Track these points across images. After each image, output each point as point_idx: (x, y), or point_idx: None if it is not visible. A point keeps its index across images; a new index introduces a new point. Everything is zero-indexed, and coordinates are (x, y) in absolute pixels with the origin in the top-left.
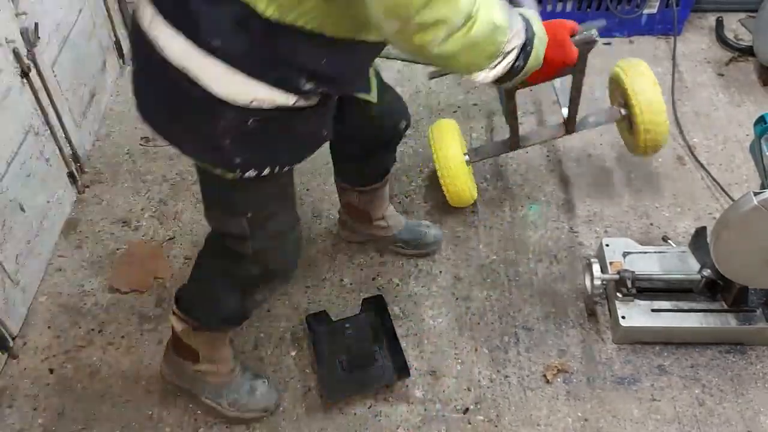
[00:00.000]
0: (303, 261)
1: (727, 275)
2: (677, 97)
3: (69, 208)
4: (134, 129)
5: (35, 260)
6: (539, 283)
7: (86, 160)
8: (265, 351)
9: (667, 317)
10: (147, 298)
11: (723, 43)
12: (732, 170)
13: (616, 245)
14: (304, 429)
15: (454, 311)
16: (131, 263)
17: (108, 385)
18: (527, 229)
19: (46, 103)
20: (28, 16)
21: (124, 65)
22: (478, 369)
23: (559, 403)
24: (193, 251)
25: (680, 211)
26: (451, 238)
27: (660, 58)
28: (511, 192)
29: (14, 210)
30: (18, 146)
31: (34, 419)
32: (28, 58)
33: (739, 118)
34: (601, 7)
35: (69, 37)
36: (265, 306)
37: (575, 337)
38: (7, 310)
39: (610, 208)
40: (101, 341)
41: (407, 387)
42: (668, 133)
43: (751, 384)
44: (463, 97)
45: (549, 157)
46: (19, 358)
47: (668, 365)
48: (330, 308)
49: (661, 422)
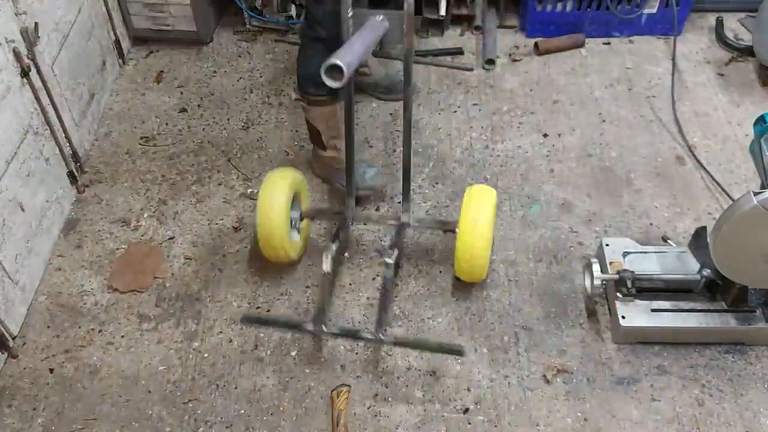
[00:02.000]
0: (303, 261)
1: (727, 275)
2: (677, 97)
3: (68, 207)
4: (134, 129)
5: (35, 260)
6: (539, 283)
7: (86, 160)
8: (265, 351)
9: (667, 317)
10: (147, 298)
11: (723, 43)
12: (732, 170)
13: (616, 245)
14: (304, 429)
15: (454, 311)
16: (131, 263)
17: (108, 385)
18: (527, 229)
19: (46, 102)
20: (28, 15)
21: (124, 65)
22: (478, 369)
23: (558, 403)
24: (192, 251)
25: (680, 211)
26: (451, 237)
27: (660, 58)
28: (511, 192)
29: (14, 209)
30: (17, 146)
31: (34, 419)
32: (27, 58)
33: (739, 118)
34: (601, 7)
35: (69, 36)
36: (266, 306)
37: (575, 337)
38: (7, 309)
39: (609, 208)
40: (101, 341)
41: (407, 387)
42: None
43: (750, 384)
44: (463, 97)
45: (549, 157)
46: (19, 358)
47: (668, 365)
48: (330, 308)
49: (661, 422)
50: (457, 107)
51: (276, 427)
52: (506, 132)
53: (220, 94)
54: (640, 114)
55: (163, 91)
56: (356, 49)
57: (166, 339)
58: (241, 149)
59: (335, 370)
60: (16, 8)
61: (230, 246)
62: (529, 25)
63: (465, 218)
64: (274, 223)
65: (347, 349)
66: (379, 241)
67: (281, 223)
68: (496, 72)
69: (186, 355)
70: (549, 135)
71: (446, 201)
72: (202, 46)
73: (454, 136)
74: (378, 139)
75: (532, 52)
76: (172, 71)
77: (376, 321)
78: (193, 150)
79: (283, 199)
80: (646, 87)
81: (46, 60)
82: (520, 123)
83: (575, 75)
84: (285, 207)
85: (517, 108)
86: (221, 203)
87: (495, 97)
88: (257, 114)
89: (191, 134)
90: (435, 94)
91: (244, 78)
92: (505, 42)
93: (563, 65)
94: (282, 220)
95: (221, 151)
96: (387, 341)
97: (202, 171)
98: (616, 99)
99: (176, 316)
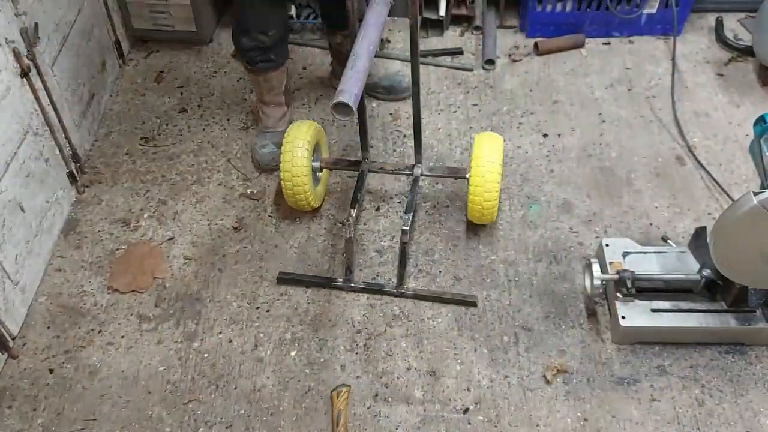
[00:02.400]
0: (303, 261)
1: (726, 275)
2: (677, 97)
3: (68, 208)
4: (134, 129)
5: (35, 260)
6: (539, 283)
7: (86, 160)
8: (265, 351)
9: (667, 317)
10: (146, 298)
11: (722, 43)
12: (732, 170)
13: (615, 245)
14: (304, 429)
15: (454, 311)
16: (130, 263)
17: (108, 386)
18: (527, 229)
19: (46, 102)
20: (28, 15)
21: (124, 65)
22: (478, 369)
23: (558, 403)
24: (192, 251)
25: (680, 211)
26: (451, 238)
27: (659, 59)
28: (511, 192)
29: (14, 210)
30: (17, 146)
31: (34, 419)
32: (27, 58)
33: (739, 118)
34: (601, 7)
35: (69, 37)
36: (266, 306)
37: (575, 337)
38: (7, 310)
39: (610, 208)
40: (101, 341)
41: (407, 387)
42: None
43: (750, 384)
44: (463, 97)
45: (549, 157)
46: (19, 358)
47: (668, 365)
48: (330, 308)
49: (661, 422)
50: (457, 107)
51: (276, 427)
52: (506, 132)
53: (220, 94)
54: (640, 114)
55: (163, 91)
56: (359, 74)
57: (166, 339)
58: (241, 149)
59: (335, 370)
60: (16, 9)
61: (230, 246)
62: (529, 25)
63: (476, 162)
64: (297, 171)
65: (347, 349)
66: (381, 237)
67: (304, 172)
68: (496, 72)
69: (186, 355)
70: (549, 135)
71: (446, 201)
72: (202, 46)
73: (454, 136)
74: (378, 139)
75: (532, 53)
76: (172, 71)
77: (397, 278)
78: (193, 150)
79: (305, 149)
80: (646, 87)
81: (45, 60)
82: (520, 123)
83: (575, 75)
84: (307, 157)
85: (517, 108)
86: (221, 203)
87: (495, 98)
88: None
89: (191, 134)
90: (435, 94)
91: (244, 78)
92: (505, 42)
93: (563, 65)
94: (304, 169)
95: (221, 151)
96: (407, 295)
97: (202, 171)
98: (616, 99)
99: (176, 317)
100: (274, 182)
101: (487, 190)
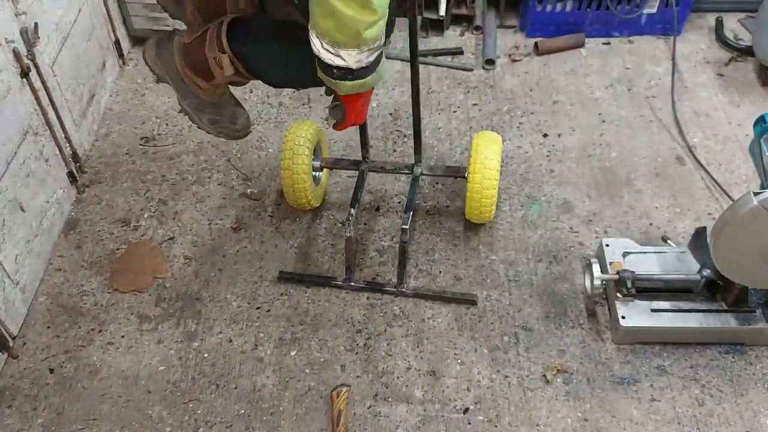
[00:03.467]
0: (303, 261)
1: (726, 275)
2: (677, 97)
3: (68, 208)
4: (134, 129)
5: (35, 260)
6: (539, 283)
7: (86, 160)
8: (265, 351)
9: (667, 317)
10: (147, 298)
11: (722, 43)
12: (732, 170)
13: (615, 245)
14: (304, 429)
15: (454, 311)
16: (131, 263)
17: (108, 385)
18: (527, 229)
19: (46, 102)
20: (28, 15)
21: (124, 65)
22: (478, 369)
23: (558, 403)
24: (192, 251)
25: (680, 211)
26: (451, 237)
27: (659, 58)
28: (511, 192)
29: (14, 210)
30: (17, 146)
31: (34, 419)
32: (27, 58)
33: (739, 118)
34: (601, 7)
35: (68, 36)
36: (266, 306)
37: (575, 337)
38: (7, 310)
39: (609, 208)
40: (101, 341)
41: (407, 387)
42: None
43: (750, 384)
44: (463, 97)
45: (549, 157)
46: (19, 358)
47: (668, 365)
48: (330, 308)
49: (661, 422)
50: (457, 107)
51: (276, 427)
52: (506, 132)
53: None
54: (640, 114)
55: (163, 91)
56: None
57: (166, 339)
58: (241, 149)
59: (335, 370)
60: (16, 8)
61: (230, 246)
62: (529, 25)
63: (474, 161)
64: (298, 170)
65: (347, 348)
66: (380, 238)
67: (304, 170)
68: (496, 72)
69: (186, 355)
70: (549, 135)
71: (446, 201)
72: None
73: (454, 136)
74: (378, 138)
75: (532, 53)
76: None
77: (397, 277)
78: (193, 150)
79: (305, 149)
80: (646, 87)
81: (46, 60)
82: (520, 123)
83: (575, 75)
84: (307, 155)
85: (517, 108)
86: (221, 203)
87: (495, 98)
88: (257, 114)
89: (191, 134)
90: (435, 94)
91: None
92: (505, 42)
93: (563, 65)
94: (305, 167)
95: (221, 151)
96: (407, 294)
97: (202, 171)
98: (616, 99)
99: (176, 316)
100: (275, 182)
101: (485, 188)
